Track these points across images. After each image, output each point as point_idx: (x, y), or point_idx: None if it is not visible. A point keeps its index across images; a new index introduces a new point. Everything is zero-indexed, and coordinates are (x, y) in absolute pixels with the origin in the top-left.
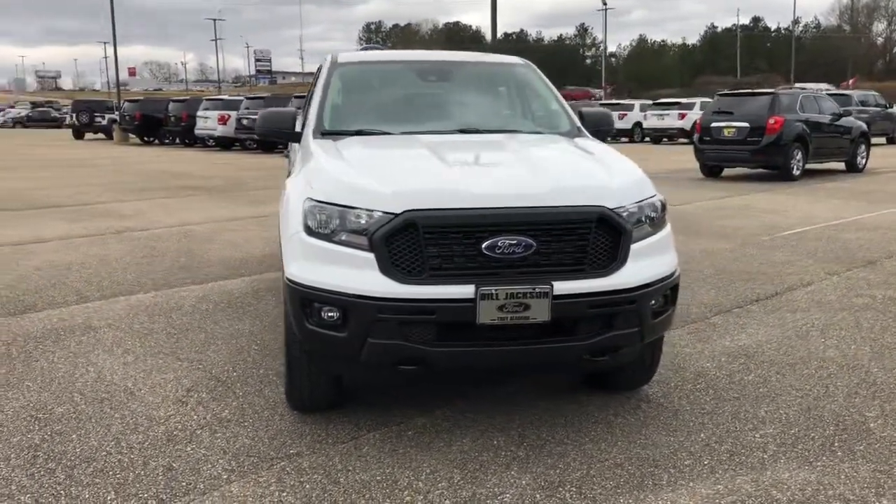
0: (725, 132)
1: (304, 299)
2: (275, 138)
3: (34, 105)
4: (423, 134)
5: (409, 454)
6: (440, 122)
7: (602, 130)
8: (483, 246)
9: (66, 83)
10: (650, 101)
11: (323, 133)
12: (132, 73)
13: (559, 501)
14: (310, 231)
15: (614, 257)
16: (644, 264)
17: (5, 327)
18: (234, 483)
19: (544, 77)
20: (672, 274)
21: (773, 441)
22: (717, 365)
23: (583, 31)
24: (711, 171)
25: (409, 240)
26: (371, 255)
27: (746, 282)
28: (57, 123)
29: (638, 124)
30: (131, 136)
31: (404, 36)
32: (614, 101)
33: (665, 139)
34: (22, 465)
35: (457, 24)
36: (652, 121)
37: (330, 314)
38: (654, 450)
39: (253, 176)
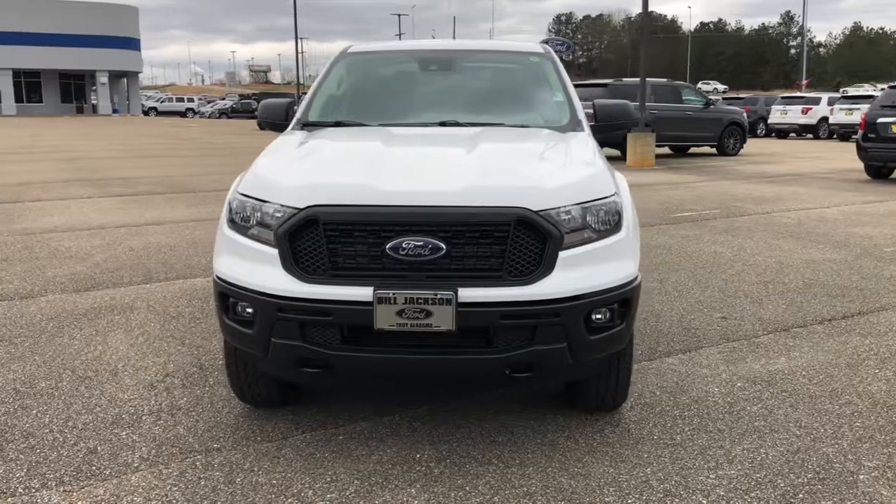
0: (894, 128)
1: (222, 294)
2: (270, 129)
3: (241, 97)
4: (401, 126)
5: (323, 459)
6: (425, 113)
7: (616, 124)
8: (387, 246)
9: (276, 77)
10: (839, 94)
11: (305, 124)
12: None
13: None
14: (232, 224)
15: (538, 264)
16: (578, 274)
17: (60, 303)
18: (138, 473)
19: (560, 67)
20: (622, 286)
21: (725, 484)
22: (725, 391)
23: (788, 19)
24: (878, 171)
25: (311, 236)
26: (275, 251)
27: (832, 298)
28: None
29: (824, 119)
30: None
31: (594, 27)
32: (798, 95)
33: (854, 136)
34: None
35: (650, 14)
36: (839, 116)
37: (247, 310)
38: (582, 481)
39: None
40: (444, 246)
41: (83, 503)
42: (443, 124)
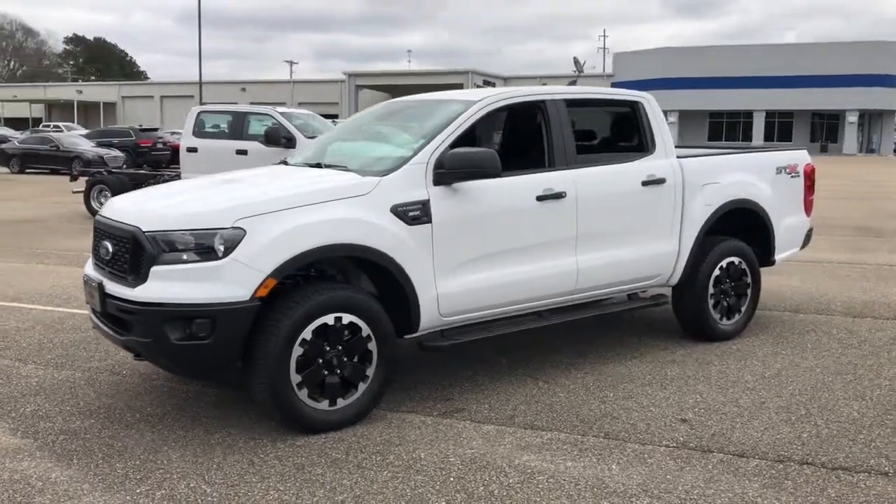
0: None
1: None
2: None
3: None
4: (300, 166)
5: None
6: (323, 156)
7: (467, 173)
8: (101, 244)
9: None
10: None
11: (283, 162)
12: None
13: None
14: None
15: (137, 273)
16: (165, 286)
17: None
18: (22, 363)
19: (466, 114)
20: (207, 305)
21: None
22: (424, 458)
23: None
24: None
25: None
26: None
27: None
28: None
29: None
30: None
31: None
32: None
33: None
34: None
35: None
36: None
37: None
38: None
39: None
40: (111, 249)
41: None
42: (316, 165)
